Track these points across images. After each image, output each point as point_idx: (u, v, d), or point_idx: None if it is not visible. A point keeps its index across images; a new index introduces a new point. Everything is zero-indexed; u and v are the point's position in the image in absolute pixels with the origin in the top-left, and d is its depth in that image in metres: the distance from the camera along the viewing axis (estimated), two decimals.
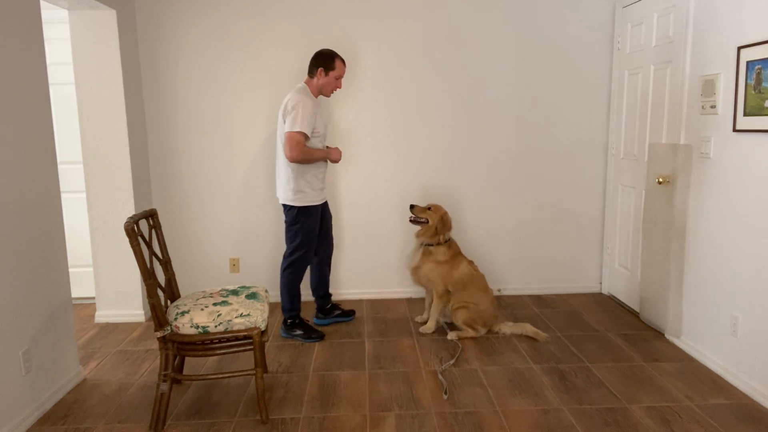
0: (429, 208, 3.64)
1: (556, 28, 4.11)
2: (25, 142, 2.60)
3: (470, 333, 3.49)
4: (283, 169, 3.38)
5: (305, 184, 3.36)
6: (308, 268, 3.62)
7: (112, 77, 3.66)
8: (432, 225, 3.59)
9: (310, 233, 3.45)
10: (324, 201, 3.58)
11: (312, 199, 3.41)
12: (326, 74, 3.36)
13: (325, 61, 3.35)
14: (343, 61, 3.42)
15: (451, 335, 3.49)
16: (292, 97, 3.26)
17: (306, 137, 3.23)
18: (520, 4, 4.07)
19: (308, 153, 3.26)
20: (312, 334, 3.50)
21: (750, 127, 2.74)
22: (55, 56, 4.01)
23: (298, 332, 3.52)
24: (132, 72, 3.85)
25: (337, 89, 3.51)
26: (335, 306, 3.86)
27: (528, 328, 3.51)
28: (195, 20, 3.98)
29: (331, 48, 3.86)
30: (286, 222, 3.47)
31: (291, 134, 3.19)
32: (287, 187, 3.38)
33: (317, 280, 3.74)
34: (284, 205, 3.45)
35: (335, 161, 3.48)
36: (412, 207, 3.66)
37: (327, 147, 3.50)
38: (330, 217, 3.74)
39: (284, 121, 3.27)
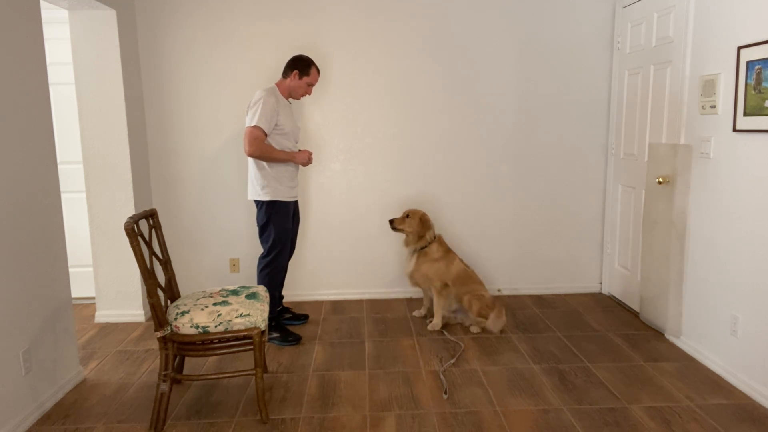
0: (407, 216, 3.71)
1: (556, 28, 4.11)
2: (25, 142, 2.60)
3: (487, 322, 3.56)
4: (251, 165, 3.41)
5: (273, 179, 3.36)
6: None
7: (112, 77, 3.66)
8: (414, 232, 3.68)
9: (282, 230, 3.43)
10: (295, 200, 3.57)
11: (281, 195, 3.39)
12: (300, 78, 3.42)
13: (301, 66, 3.43)
14: (318, 70, 3.49)
15: (474, 329, 3.59)
16: (256, 94, 3.32)
17: (264, 133, 3.25)
18: (520, 4, 4.07)
19: (267, 150, 3.28)
20: (289, 338, 3.47)
21: (750, 127, 2.74)
22: (55, 56, 4.01)
23: (275, 335, 3.49)
24: (132, 72, 3.85)
25: (307, 95, 3.57)
26: (286, 309, 3.84)
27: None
28: (195, 20, 3.98)
29: (330, 48, 4.01)
30: (257, 221, 3.46)
31: (249, 129, 3.25)
32: (255, 182, 3.39)
33: None
34: (255, 203, 3.45)
35: (302, 164, 3.46)
36: (391, 221, 3.72)
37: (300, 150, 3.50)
38: (298, 220, 3.74)
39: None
